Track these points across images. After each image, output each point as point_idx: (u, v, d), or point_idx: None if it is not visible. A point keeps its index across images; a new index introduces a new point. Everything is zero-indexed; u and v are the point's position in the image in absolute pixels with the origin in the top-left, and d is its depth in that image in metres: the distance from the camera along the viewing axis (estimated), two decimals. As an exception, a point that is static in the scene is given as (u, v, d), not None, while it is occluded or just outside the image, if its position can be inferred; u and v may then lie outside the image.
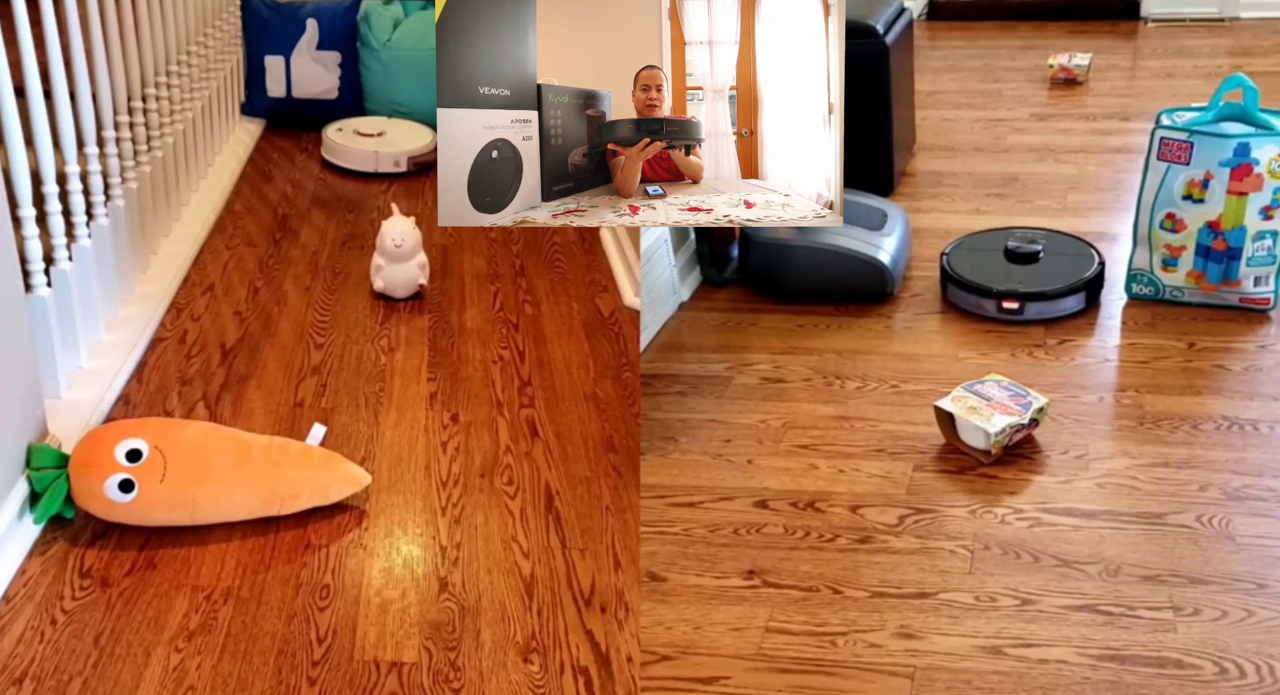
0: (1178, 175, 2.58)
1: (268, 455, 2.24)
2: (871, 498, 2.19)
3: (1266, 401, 2.38)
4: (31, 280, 2.43)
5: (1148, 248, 2.69)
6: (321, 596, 2.06)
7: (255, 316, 2.99)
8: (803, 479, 2.26)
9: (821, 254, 2.80)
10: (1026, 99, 4.18)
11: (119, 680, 1.87)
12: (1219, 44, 4.83)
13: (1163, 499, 2.15)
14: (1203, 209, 2.58)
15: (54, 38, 2.54)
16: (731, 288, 2.95)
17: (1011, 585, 1.98)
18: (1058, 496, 2.18)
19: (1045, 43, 4.85)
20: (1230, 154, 2.51)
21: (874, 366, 2.60)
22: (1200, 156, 2.55)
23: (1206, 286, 2.65)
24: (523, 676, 1.91)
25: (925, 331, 2.74)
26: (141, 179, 3.10)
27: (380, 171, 3.95)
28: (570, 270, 3.32)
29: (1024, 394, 2.30)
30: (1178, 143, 2.56)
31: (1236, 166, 2.51)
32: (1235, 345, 2.58)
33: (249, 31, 4.29)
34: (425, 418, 2.59)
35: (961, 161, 3.65)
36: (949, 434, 2.30)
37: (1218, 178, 2.54)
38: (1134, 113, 3.98)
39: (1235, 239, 2.56)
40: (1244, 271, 2.59)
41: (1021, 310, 2.79)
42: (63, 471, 2.17)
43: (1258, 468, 2.19)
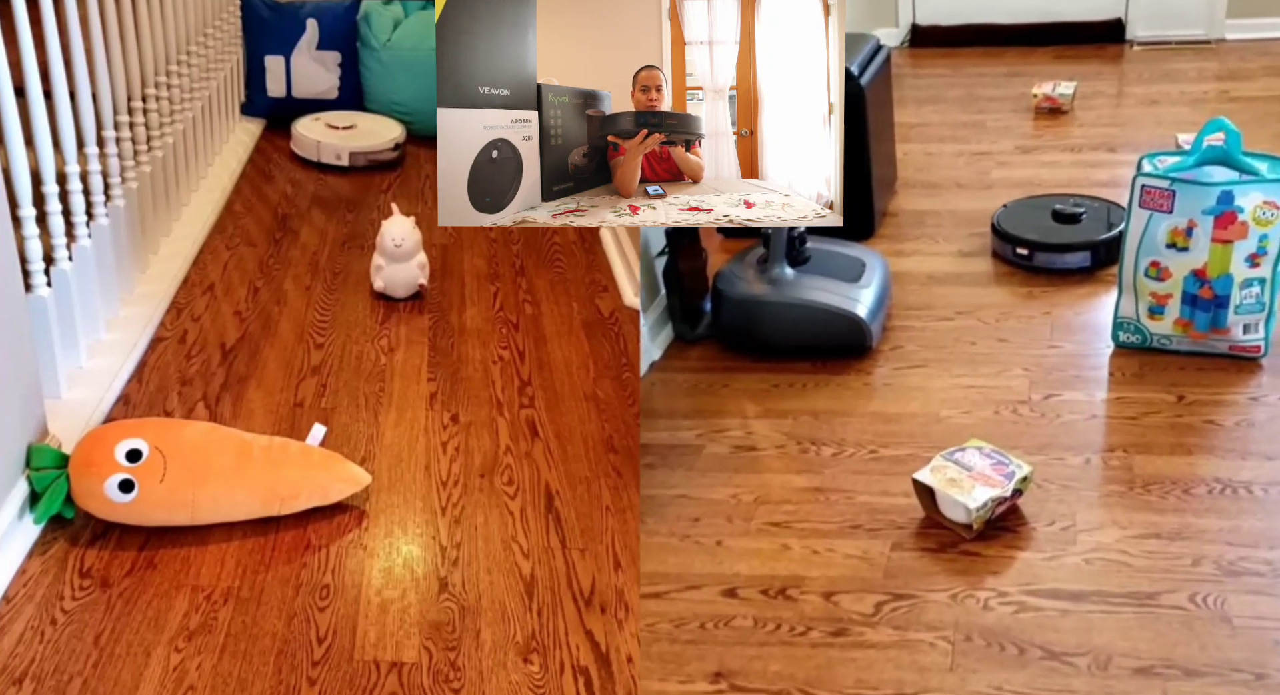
0: (1161, 223, 2.49)
1: (268, 455, 2.24)
2: (847, 582, 2.03)
3: (1260, 461, 2.24)
4: (31, 280, 2.43)
5: (1133, 296, 2.58)
6: (321, 596, 2.06)
7: (255, 316, 2.99)
8: (774, 562, 2.09)
9: (796, 310, 2.67)
10: (1011, 130, 4.03)
11: (119, 680, 1.87)
12: (1205, 68, 4.68)
13: (1155, 576, 1.99)
14: (1187, 257, 2.49)
15: (54, 38, 2.54)
16: (705, 344, 2.81)
17: (996, 683, 1.82)
18: (1044, 575, 2.01)
19: (1030, 69, 4.71)
20: (1213, 202, 2.43)
21: (851, 429, 2.42)
22: (1183, 205, 2.46)
23: (1195, 335, 2.54)
24: (523, 676, 1.91)
25: (906, 388, 2.56)
26: (141, 179, 3.10)
27: (323, 162, 4.00)
28: (570, 270, 3.32)
29: (1006, 462, 2.16)
30: (1159, 191, 2.48)
31: (1220, 214, 2.43)
32: (1226, 397, 2.44)
33: (249, 31, 4.29)
34: (425, 418, 2.59)
35: (944, 199, 3.48)
36: (929, 507, 2.16)
37: (1201, 226, 2.45)
38: (1119, 144, 3.84)
39: (1222, 287, 2.47)
40: (1232, 319, 2.50)
41: (1030, 258, 3.00)
42: (63, 471, 2.16)
43: (1253, 537, 2.05)
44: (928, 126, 4.12)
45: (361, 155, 3.99)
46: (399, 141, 4.07)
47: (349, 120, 4.16)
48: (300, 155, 4.05)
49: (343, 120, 4.15)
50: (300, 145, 4.05)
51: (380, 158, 4.02)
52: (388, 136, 4.07)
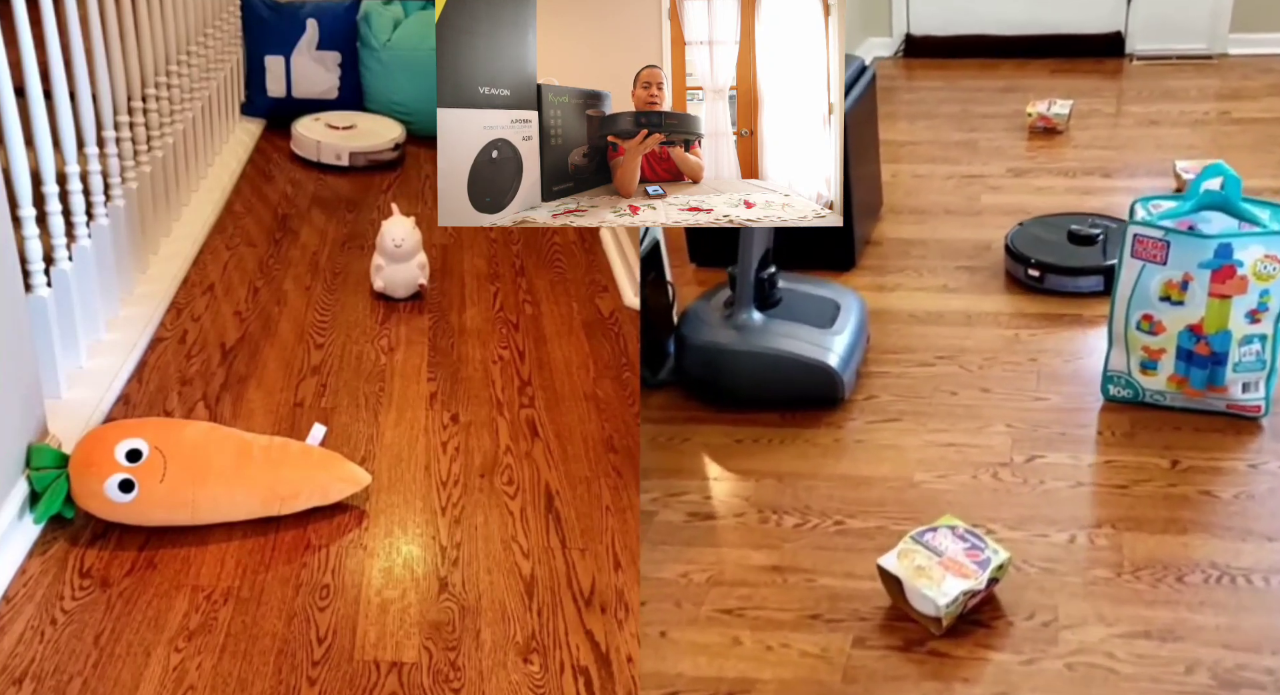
0: (1154, 275, 2.31)
1: (268, 455, 2.24)
2: (801, 687, 1.82)
3: (1260, 543, 2.04)
4: (31, 280, 2.43)
5: (1124, 349, 2.41)
6: (321, 596, 2.06)
7: (255, 316, 2.99)
8: (723, 661, 1.87)
9: (763, 359, 2.46)
10: (1004, 151, 3.87)
11: (119, 680, 1.87)
12: (1206, 86, 4.49)
13: (1143, 686, 1.77)
14: (1182, 312, 2.31)
15: (54, 38, 2.54)
16: (668, 390, 2.59)
17: None
18: (1020, 684, 1.79)
19: (1027, 83, 4.56)
20: (1210, 255, 2.26)
21: (818, 495, 2.21)
22: (1178, 256, 2.29)
23: (1190, 391, 2.37)
24: (523, 676, 1.91)
25: (878, 446, 2.35)
26: (141, 179, 3.10)
27: (323, 162, 4.00)
28: (570, 270, 3.32)
29: (982, 546, 1.96)
30: (1153, 241, 2.30)
31: (1218, 268, 2.27)
32: (1224, 463, 2.25)
33: (249, 31, 4.29)
34: (425, 418, 2.59)
35: (931, 227, 3.30)
36: (895, 596, 1.96)
37: (1198, 279, 2.28)
38: (1115, 168, 3.66)
39: (1220, 343, 2.31)
40: (1230, 377, 2.33)
41: (1042, 280, 2.90)
42: (63, 471, 2.16)
43: (1253, 639, 1.84)
44: (918, 145, 3.98)
45: (361, 155, 3.99)
46: (399, 141, 4.08)
47: (349, 120, 4.17)
48: (300, 155, 4.05)
49: (343, 120, 4.16)
50: (300, 145, 4.06)
51: (380, 157, 4.02)
52: (388, 136, 4.08)
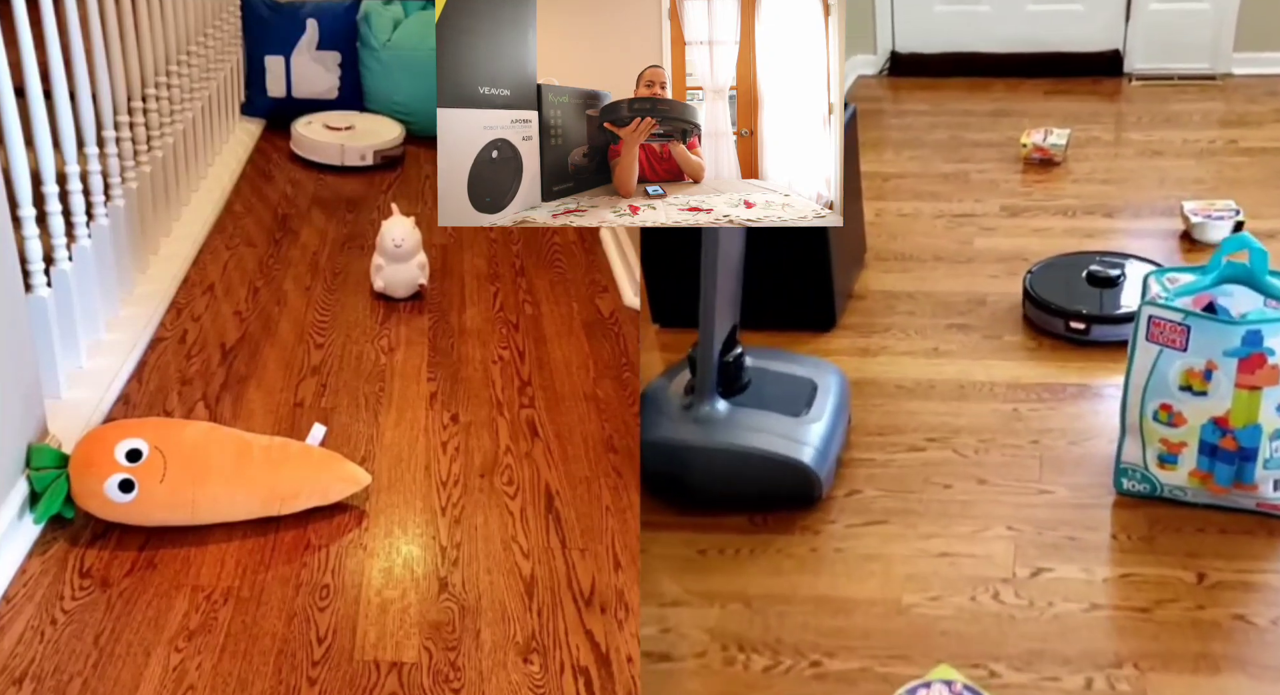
0: (1173, 361, 2.07)
1: (268, 455, 2.24)
2: None
3: None
4: (31, 280, 2.43)
5: (1139, 439, 2.15)
6: (321, 596, 2.06)
7: (255, 316, 2.99)
8: None
9: (728, 457, 2.17)
10: (997, 185, 3.58)
11: (119, 680, 1.87)
12: (1210, 110, 4.19)
13: None
14: (1206, 403, 2.07)
15: (54, 38, 2.54)
16: None
17: None
18: None
19: (1019, 106, 4.26)
20: (1238, 342, 2.02)
21: (792, 625, 1.91)
22: (1200, 343, 2.04)
23: (1215, 488, 2.12)
24: (523, 676, 1.91)
25: (861, 556, 2.06)
26: (141, 179, 3.10)
27: (346, 164, 3.99)
28: (570, 270, 3.32)
29: None
30: (1171, 324, 2.06)
31: (1246, 357, 2.03)
32: (1256, 575, 1.99)
33: (249, 31, 4.29)
34: (425, 418, 2.59)
35: (920, 276, 3.03)
36: None
37: (1223, 368, 2.04)
38: (1117, 206, 3.40)
39: (1248, 438, 2.05)
40: (1260, 475, 2.08)
41: (1088, 332, 2.65)
42: (63, 471, 2.17)
43: None
44: (905, 179, 3.69)
45: (381, 153, 4.03)
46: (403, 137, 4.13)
47: (348, 121, 4.16)
48: (311, 159, 4.03)
49: (342, 121, 4.16)
50: (312, 150, 4.03)
51: (393, 153, 4.07)
52: (395, 131, 4.11)
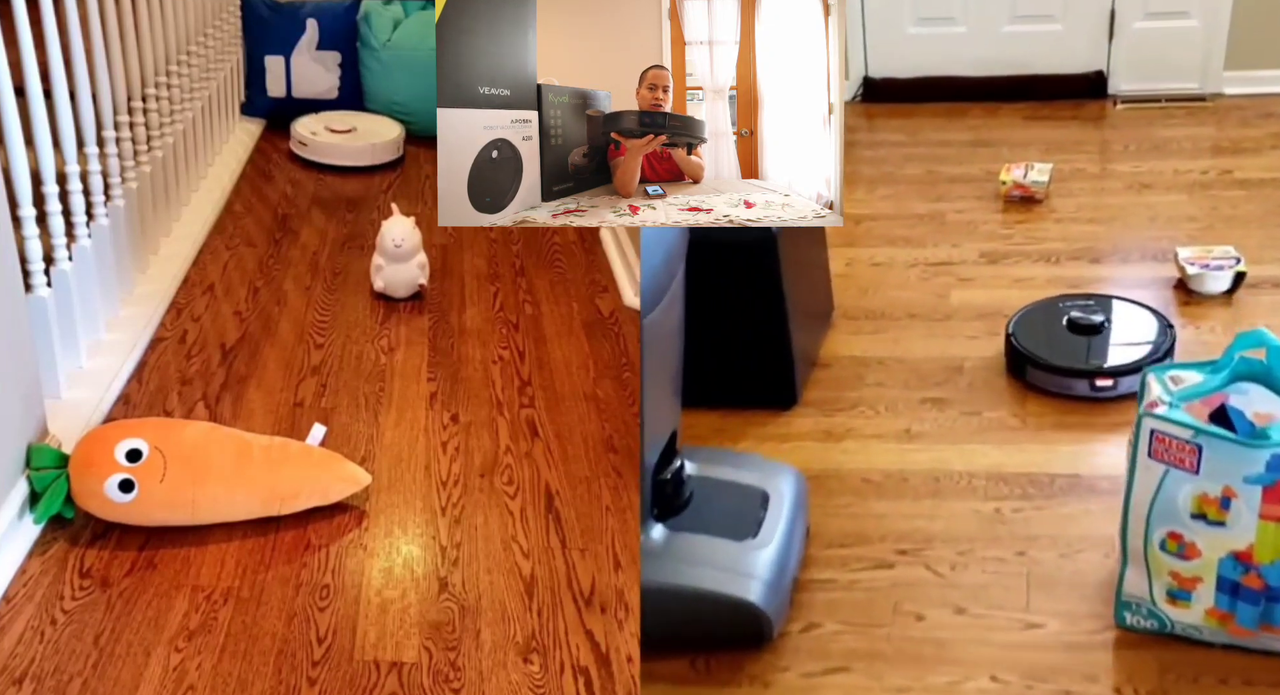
0: (1182, 484, 1.77)
1: (268, 455, 2.24)
2: None
3: None
4: (31, 280, 2.43)
5: (1144, 571, 1.85)
6: (321, 596, 2.06)
7: (255, 316, 2.99)
8: None
9: (666, 597, 1.86)
10: (976, 227, 3.32)
11: (119, 680, 1.87)
12: (1201, 136, 3.90)
13: None
14: (1223, 535, 1.77)
15: (54, 38, 2.54)
16: None
17: None
18: None
19: (998, 135, 3.99)
20: (1261, 468, 1.72)
21: None
22: (1215, 466, 1.74)
23: (1236, 629, 1.82)
24: (523, 676, 1.91)
25: None
26: (141, 179, 3.10)
27: (376, 164, 4.03)
28: (570, 270, 3.32)
29: None
30: (1178, 442, 1.75)
31: (1272, 485, 1.73)
32: None
33: (249, 31, 4.29)
34: (425, 418, 2.59)
35: (891, 339, 2.74)
36: None
37: (1243, 497, 1.74)
38: (1104, 250, 3.14)
39: (1277, 577, 1.76)
40: None
41: (1115, 386, 2.43)
42: (63, 471, 2.17)
43: None
44: (878, 221, 3.41)
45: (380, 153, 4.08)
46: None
47: (348, 122, 4.16)
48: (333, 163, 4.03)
49: (342, 123, 4.15)
50: (335, 154, 4.03)
51: (393, 153, 4.12)
52: (397, 130, 4.13)
